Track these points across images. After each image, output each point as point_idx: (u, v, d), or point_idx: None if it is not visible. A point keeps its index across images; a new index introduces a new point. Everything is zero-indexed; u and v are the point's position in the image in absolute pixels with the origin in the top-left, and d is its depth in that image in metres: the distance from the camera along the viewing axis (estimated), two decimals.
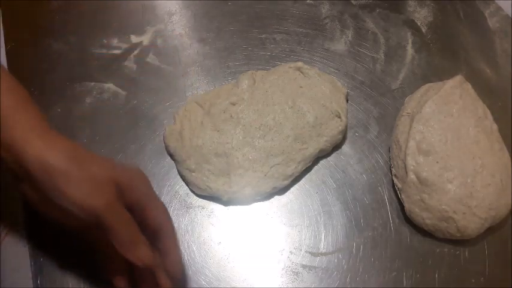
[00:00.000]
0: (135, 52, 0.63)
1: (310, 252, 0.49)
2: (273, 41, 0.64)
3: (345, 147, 0.56)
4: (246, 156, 0.51)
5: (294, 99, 0.54)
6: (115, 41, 0.63)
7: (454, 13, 0.67)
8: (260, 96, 0.54)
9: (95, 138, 0.55)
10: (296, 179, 0.53)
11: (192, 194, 0.52)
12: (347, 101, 0.58)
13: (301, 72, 0.57)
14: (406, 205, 0.50)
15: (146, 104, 0.58)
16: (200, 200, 0.52)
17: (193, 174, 0.51)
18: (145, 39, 0.64)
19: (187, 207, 0.51)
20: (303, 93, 0.55)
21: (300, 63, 0.57)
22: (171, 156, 0.54)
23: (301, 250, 0.49)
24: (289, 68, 0.57)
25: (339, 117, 0.54)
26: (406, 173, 0.50)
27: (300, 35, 0.65)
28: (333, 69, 0.62)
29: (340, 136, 0.55)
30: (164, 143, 0.54)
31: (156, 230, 0.41)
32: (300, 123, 0.53)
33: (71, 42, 0.63)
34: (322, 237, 0.50)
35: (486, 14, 0.67)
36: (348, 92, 0.58)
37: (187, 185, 0.52)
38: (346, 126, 0.55)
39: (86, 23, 0.65)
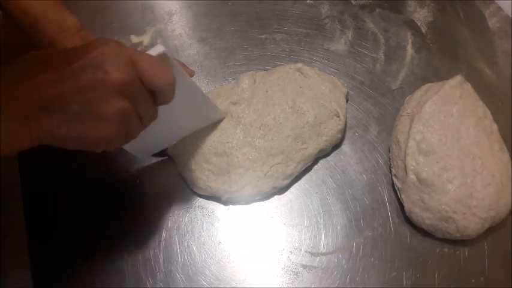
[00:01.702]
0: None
1: (310, 252, 0.49)
2: (273, 41, 0.64)
3: (345, 147, 0.56)
4: (246, 156, 0.51)
5: (294, 99, 0.54)
6: None
7: (454, 13, 0.67)
8: (260, 96, 0.54)
9: None
10: (296, 179, 0.53)
11: (192, 194, 0.52)
12: (347, 100, 0.58)
13: (301, 73, 0.57)
14: (406, 205, 0.50)
15: None
16: (200, 200, 0.52)
17: (193, 174, 0.51)
18: (145, 39, 0.64)
19: (187, 207, 0.51)
20: (303, 93, 0.55)
21: (300, 65, 0.57)
22: (171, 156, 0.54)
23: (301, 250, 0.49)
24: (289, 69, 0.57)
25: (338, 116, 0.54)
26: (406, 173, 0.50)
27: (300, 35, 0.65)
28: (332, 69, 0.62)
29: (339, 136, 0.55)
30: None
31: None
32: (299, 123, 0.53)
33: None
34: (322, 237, 0.50)
35: (486, 14, 0.67)
36: (348, 91, 0.58)
37: (187, 185, 0.52)
38: (345, 126, 0.55)
39: (86, 23, 0.65)
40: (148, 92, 0.37)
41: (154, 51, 0.38)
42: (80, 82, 0.33)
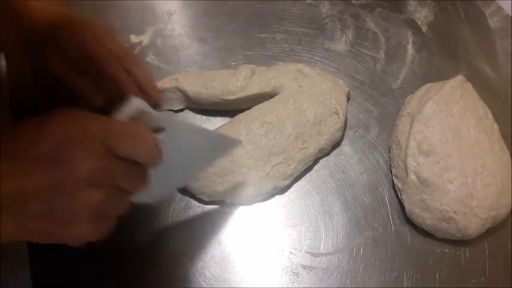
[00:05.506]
0: (135, 52, 0.62)
1: (310, 253, 0.49)
2: (273, 41, 0.64)
3: (345, 147, 0.56)
4: (250, 154, 0.51)
5: (295, 97, 0.54)
6: None
7: (455, 13, 0.67)
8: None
9: None
10: (296, 179, 0.53)
11: (191, 194, 0.52)
12: (348, 99, 0.58)
13: (302, 73, 0.56)
14: (407, 205, 0.50)
15: None
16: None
17: (199, 182, 0.51)
18: (145, 38, 0.64)
19: (186, 208, 0.51)
20: (303, 92, 0.54)
21: (300, 65, 0.57)
22: None
23: (301, 250, 0.49)
24: (290, 69, 0.57)
25: (337, 114, 0.54)
26: (407, 173, 0.50)
27: (300, 34, 0.65)
28: (333, 69, 0.61)
29: (339, 134, 0.54)
30: None
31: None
32: (301, 121, 0.52)
33: None
34: (323, 237, 0.50)
35: (487, 14, 0.67)
36: (349, 91, 0.58)
37: (194, 194, 0.51)
38: (344, 124, 0.55)
39: None
40: (128, 163, 0.31)
41: (130, 109, 0.33)
42: (39, 178, 0.28)
